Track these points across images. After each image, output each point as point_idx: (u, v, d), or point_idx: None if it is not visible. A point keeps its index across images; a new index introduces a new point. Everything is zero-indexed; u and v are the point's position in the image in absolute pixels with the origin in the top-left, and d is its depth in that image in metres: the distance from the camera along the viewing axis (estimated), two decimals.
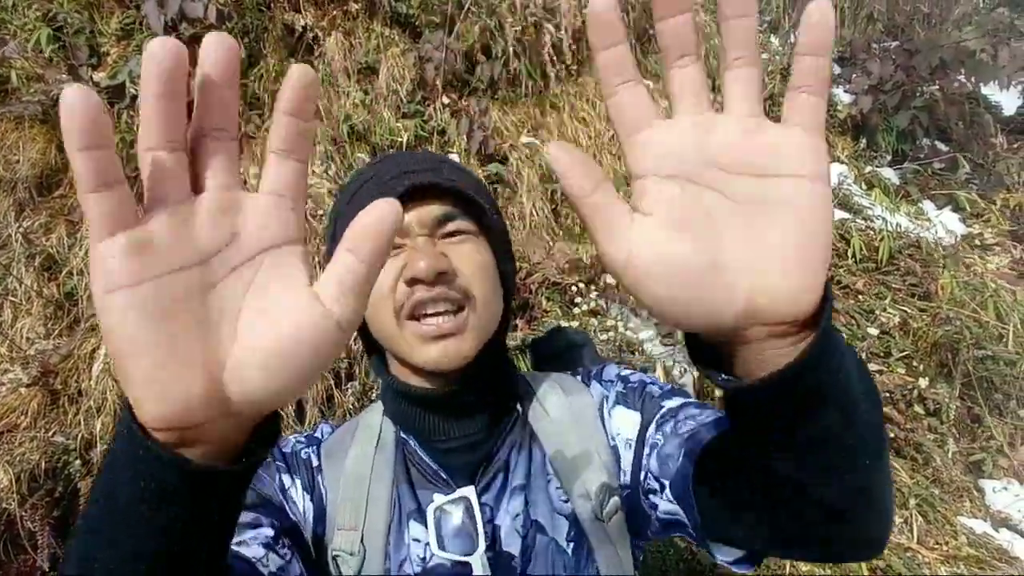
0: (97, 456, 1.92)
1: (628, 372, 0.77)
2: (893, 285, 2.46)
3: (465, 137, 2.56)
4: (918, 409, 2.17)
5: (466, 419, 0.69)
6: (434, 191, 0.66)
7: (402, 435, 0.72)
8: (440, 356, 0.63)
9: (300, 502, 0.68)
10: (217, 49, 0.33)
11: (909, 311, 2.33)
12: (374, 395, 2.01)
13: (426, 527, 0.65)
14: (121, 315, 0.30)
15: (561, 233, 2.51)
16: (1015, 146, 3.72)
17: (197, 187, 0.33)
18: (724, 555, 0.58)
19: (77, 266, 2.35)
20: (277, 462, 0.71)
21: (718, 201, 0.36)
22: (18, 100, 2.69)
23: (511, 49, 2.88)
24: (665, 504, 0.64)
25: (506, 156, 2.57)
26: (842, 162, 3.42)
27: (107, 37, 2.76)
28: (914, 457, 2.10)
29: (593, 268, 2.22)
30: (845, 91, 3.67)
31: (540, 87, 2.98)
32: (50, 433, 1.98)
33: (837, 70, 3.83)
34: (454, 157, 2.79)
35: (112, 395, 1.99)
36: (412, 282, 0.63)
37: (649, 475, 0.66)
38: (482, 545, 0.64)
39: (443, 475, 0.68)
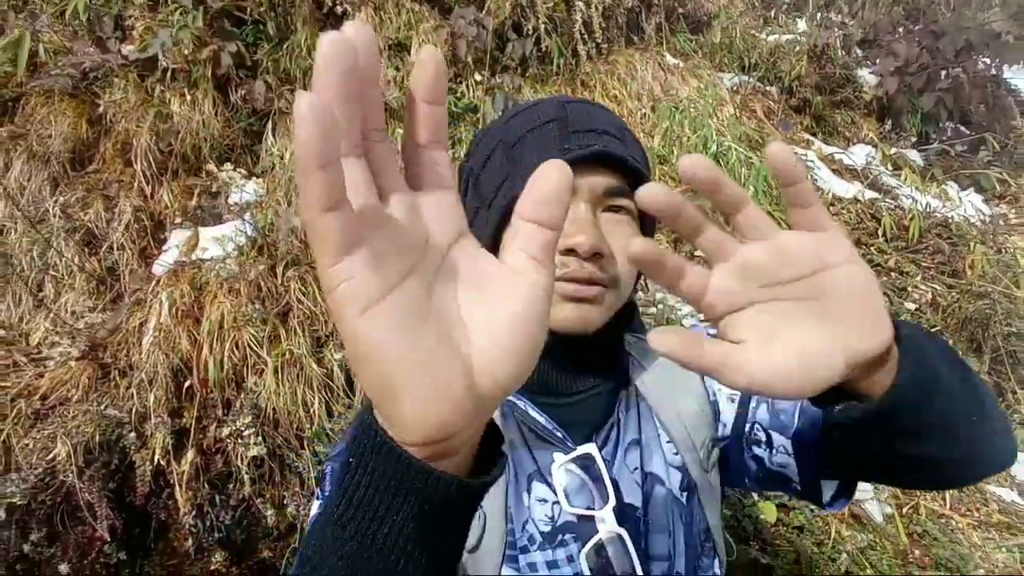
0: (151, 429, 1.95)
1: None
2: (922, 263, 2.50)
3: (500, 115, 2.55)
4: None
5: (587, 375, 0.69)
6: (607, 159, 0.64)
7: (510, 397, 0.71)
8: (575, 318, 0.63)
9: None
10: (361, 42, 0.28)
11: (938, 288, 2.37)
12: None
13: (549, 486, 0.65)
14: (383, 332, 0.28)
15: None
16: None
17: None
18: (828, 492, 0.65)
19: (117, 240, 2.35)
20: None
21: (789, 307, 0.44)
22: (47, 74, 2.67)
23: (542, 26, 2.87)
24: (778, 456, 0.67)
25: None
26: (870, 143, 3.45)
27: (134, 8, 2.73)
28: None
29: None
30: (871, 72, 3.68)
31: (571, 65, 2.97)
32: (103, 407, 2.00)
33: (861, 53, 3.84)
34: None
35: (163, 368, 2.02)
36: (567, 252, 0.62)
37: (757, 427, 0.69)
38: (612, 500, 0.64)
39: (559, 433, 0.67)
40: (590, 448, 0.65)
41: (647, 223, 0.71)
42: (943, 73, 3.48)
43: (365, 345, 0.29)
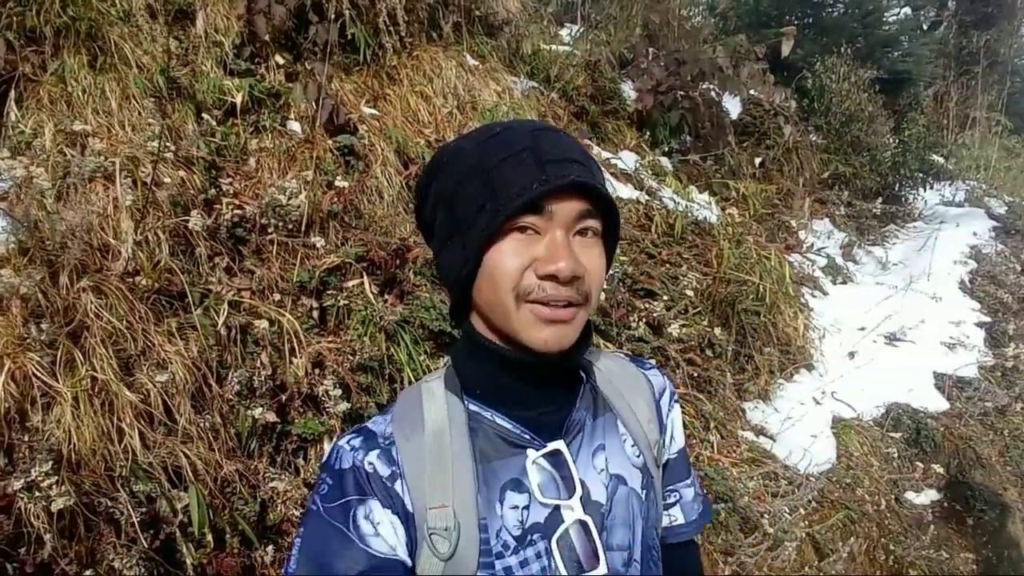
0: None
1: (676, 397, 0.92)
2: (685, 256, 3.03)
3: (314, 105, 2.42)
4: (709, 352, 2.75)
5: (558, 388, 0.75)
6: (580, 187, 0.67)
7: (472, 407, 0.72)
8: (553, 340, 0.66)
9: (392, 539, 0.65)
10: None
11: (698, 276, 2.90)
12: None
13: (520, 493, 0.68)
14: None
15: None
16: (744, 144, 4.75)
17: None
18: None
19: None
20: (348, 498, 0.66)
21: None
22: None
23: (346, 13, 2.77)
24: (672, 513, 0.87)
25: (356, 127, 2.50)
26: (633, 151, 4.01)
27: None
28: (709, 390, 2.66)
29: None
30: (633, 88, 4.26)
31: (378, 56, 2.92)
32: None
33: (621, 71, 4.42)
34: (294, 125, 2.61)
35: None
36: (548, 277, 0.65)
37: (670, 493, 0.86)
38: (579, 490, 0.69)
39: (527, 435, 0.70)
40: (559, 444, 0.71)
41: (610, 239, 0.75)
42: (683, 94, 4.20)
43: None
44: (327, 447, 1.79)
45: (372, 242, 2.15)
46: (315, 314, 1.99)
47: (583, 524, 0.69)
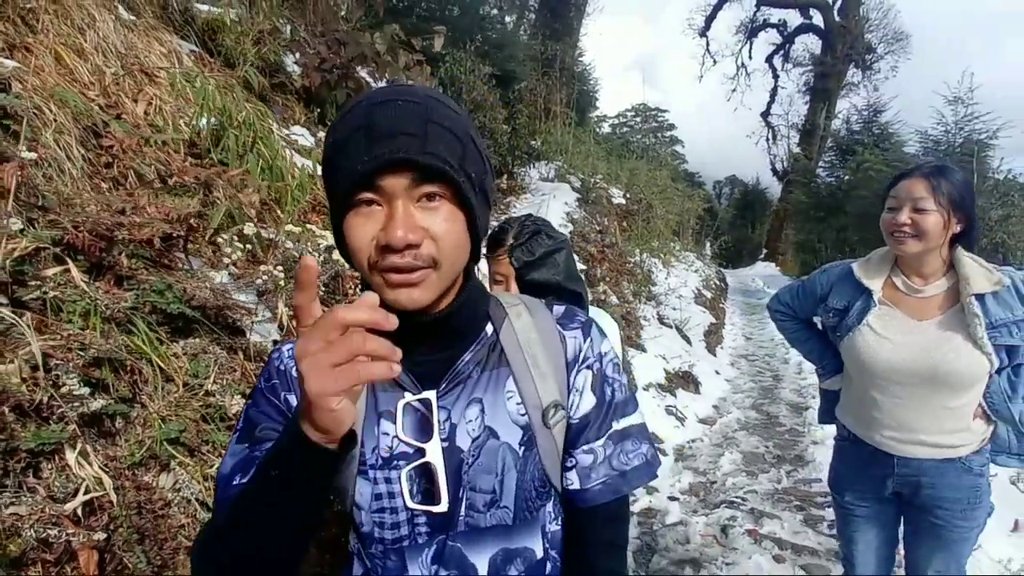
0: None
1: (597, 360, 0.90)
2: None
3: None
4: None
5: (430, 340, 0.79)
6: (403, 162, 0.69)
7: None
8: (404, 300, 0.72)
9: None
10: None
11: None
12: None
13: (393, 422, 0.78)
14: (344, 409, 0.58)
15: (127, 186, 2.22)
16: None
17: None
18: None
19: None
20: (275, 380, 0.82)
21: None
22: None
23: None
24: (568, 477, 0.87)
25: (8, 84, 2.04)
26: (304, 126, 4.07)
27: None
28: None
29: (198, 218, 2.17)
30: (296, 63, 4.27)
31: None
32: None
33: (285, 46, 4.37)
34: None
35: None
36: (385, 248, 0.69)
37: (568, 457, 0.86)
38: (436, 436, 0.78)
39: (410, 379, 0.79)
40: (430, 394, 0.79)
41: (474, 195, 0.75)
42: (342, 73, 4.41)
43: (334, 413, 0.57)
44: (70, 457, 1.57)
45: (69, 224, 1.87)
46: (7, 310, 1.67)
47: (433, 466, 0.77)
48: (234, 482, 0.75)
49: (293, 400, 0.81)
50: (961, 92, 9.16)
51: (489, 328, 0.86)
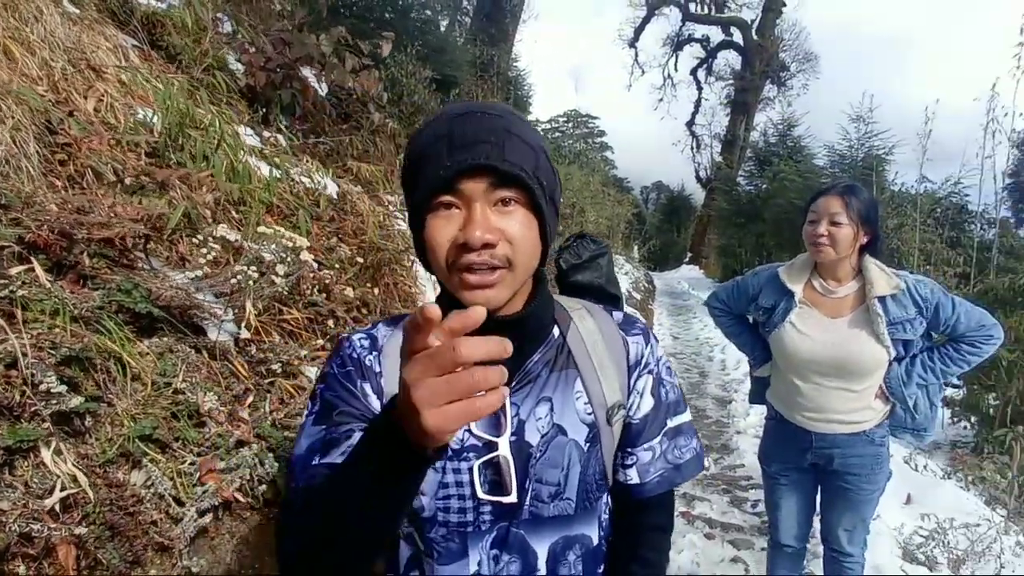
0: None
1: (656, 365, 0.96)
2: (329, 228, 3.39)
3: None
4: (365, 311, 3.23)
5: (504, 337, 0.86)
6: (482, 167, 0.74)
7: None
8: (480, 301, 0.75)
9: (375, 405, 0.83)
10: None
11: (354, 248, 3.32)
12: None
13: None
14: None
15: (75, 185, 2.19)
16: (342, 127, 5.24)
17: None
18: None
19: None
20: (349, 367, 0.85)
21: None
22: None
23: None
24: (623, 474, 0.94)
25: None
26: (248, 125, 4.03)
27: None
28: None
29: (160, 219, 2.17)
30: (239, 61, 4.22)
31: None
32: None
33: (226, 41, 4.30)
34: None
35: None
36: (462, 246, 0.74)
37: (628, 455, 0.93)
38: (508, 431, 0.82)
39: None
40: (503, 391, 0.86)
41: (548, 204, 0.81)
42: (287, 73, 4.39)
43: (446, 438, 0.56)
44: (45, 455, 1.58)
45: (31, 222, 1.86)
46: None
47: (504, 459, 0.82)
48: (313, 461, 0.78)
49: (368, 388, 0.85)
50: (863, 111, 10.04)
51: (556, 330, 0.91)
